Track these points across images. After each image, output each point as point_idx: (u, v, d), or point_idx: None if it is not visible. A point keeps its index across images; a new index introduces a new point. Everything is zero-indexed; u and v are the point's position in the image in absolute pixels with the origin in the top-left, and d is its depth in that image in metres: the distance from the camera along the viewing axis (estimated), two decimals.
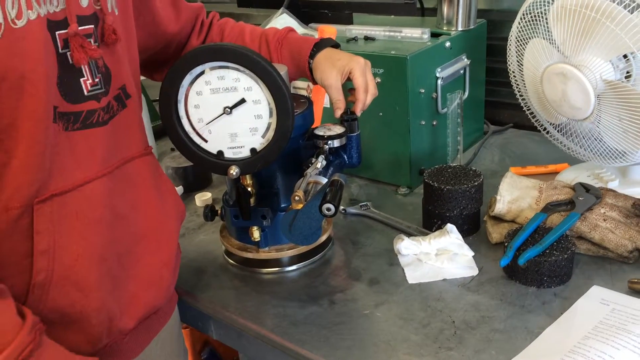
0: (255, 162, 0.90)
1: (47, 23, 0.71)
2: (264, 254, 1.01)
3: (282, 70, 0.95)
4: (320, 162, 0.92)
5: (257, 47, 1.06)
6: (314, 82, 1.03)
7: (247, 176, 0.96)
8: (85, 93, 0.76)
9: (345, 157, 1.01)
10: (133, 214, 0.84)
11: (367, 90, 0.99)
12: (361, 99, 0.99)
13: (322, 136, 0.97)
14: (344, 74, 0.99)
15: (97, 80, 0.78)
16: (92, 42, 0.77)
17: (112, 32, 0.78)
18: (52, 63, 0.72)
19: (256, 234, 0.99)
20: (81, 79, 0.76)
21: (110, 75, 0.80)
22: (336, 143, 0.97)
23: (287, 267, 1.03)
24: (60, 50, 0.73)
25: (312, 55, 1.02)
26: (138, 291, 0.85)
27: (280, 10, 1.41)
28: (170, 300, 0.95)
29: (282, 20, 1.37)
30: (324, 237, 1.04)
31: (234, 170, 0.89)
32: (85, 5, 0.76)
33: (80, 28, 0.75)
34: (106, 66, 0.79)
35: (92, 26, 0.77)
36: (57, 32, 0.72)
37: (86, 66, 0.76)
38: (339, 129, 0.99)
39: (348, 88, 1.01)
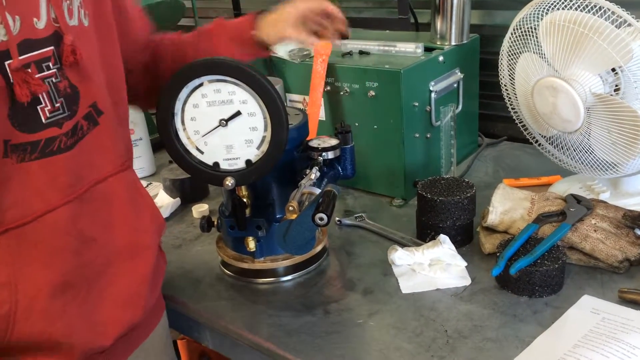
0: (250, 173, 0.92)
1: None
2: (260, 264, 1.02)
3: (277, 84, 0.97)
4: (314, 174, 0.93)
5: (194, 50, 1.02)
6: (266, 51, 1.02)
7: (243, 187, 0.98)
8: (44, 121, 0.72)
9: (340, 168, 1.02)
10: (104, 236, 0.82)
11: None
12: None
13: (317, 148, 0.99)
14: (298, 18, 0.99)
15: (57, 105, 0.73)
16: (52, 64, 0.73)
17: (70, 53, 0.73)
18: (1, 96, 0.68)
19: (252, 244, 1.00)
20: (38, 107, 0.71)
21: (79, 94, 0.76)
22: (330, 155, 0.99)
23: (282, 277, 1.04)
24: (11, 80, 0.68)
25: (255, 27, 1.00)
26: (113, 312, 0.83)
27: None
28: (152, 314, 0.94)
29: None
30: (319, 248, 1.05)
31: (229, 182, 0.91)
32: (42, 26, 0.71)
33: (34, 53, 0.70)
34: (73, 86, 0.75)
35: (52, 48, 0.72)
36: (5, 63, 0.68)
37: (44, 93, 0.72)
38: (333, 141, 1.00)
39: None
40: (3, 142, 0.69)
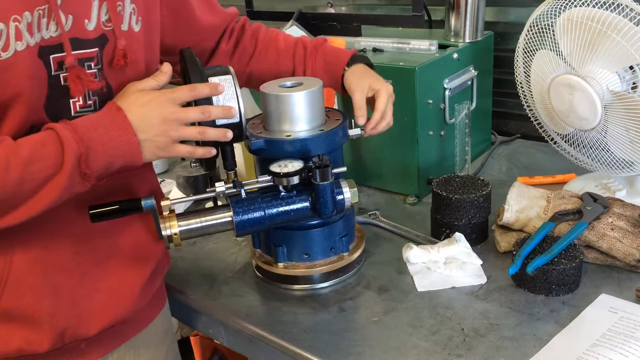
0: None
1: (40, 50, 0.72)
2: (283, 269, 1.00)
3: (318, 84, 0.95)
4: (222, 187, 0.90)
5: (292, 51, 1.06)
6: (342, 91, 1.03)
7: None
8: (72, 113, 0.77)
9: (308, 203, 0.92)
10: (113, 228, 0.84)
11: (384, 115, 0.98)
12: (375, 119, 0.98)
13: (278, 173, 0.90)
14: (371, 89, 0.99)
15: (90, 102, 0.78)
16: (94, 65, 0.77)
17: (121, 57, 0.79)
18: (42, 86, 0.73)
19: None
20: (71, 100, 0.76)
21: (112, 95, 0.80)
22: (295, 180, 0.90)
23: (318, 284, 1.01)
24: (53, 73, 0.74)
25: (348, 64, 1.03)
26: (104, 304, 0.85)
27: (290, 23, 1.43)
28: (145, 311, 0.94)
29: (292, 32, 1.39)
30: (357, 254, 1.03)
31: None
32: (92, 27, 0.76)
33: (80, 52, 0.75)
34: (109, 86, 0.80)
35: (97, 49, 0.77)
36: (51, 56, 0.73)
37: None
38: (296, 164, 0.91)
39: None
40: (30, 127, 0.74)
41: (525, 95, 1.19)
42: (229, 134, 0.82)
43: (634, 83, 1.00)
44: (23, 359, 0.82)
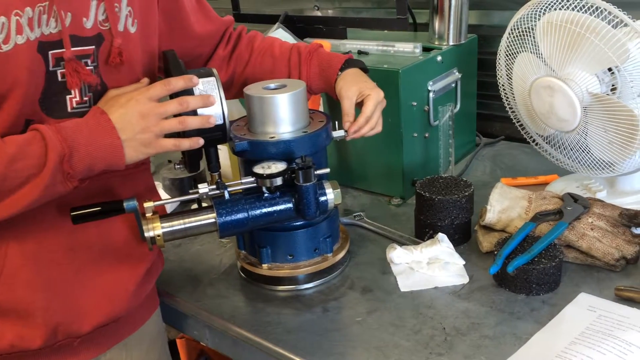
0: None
1: (39, 45, 0.74)
2: (267, 271, 1.01)
3: (301, 86, 0.96)
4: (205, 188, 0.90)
5: (287, 58, 1.07)
6: (334, 96, 1.04)
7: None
8: (69, 110, 0.79)
9: (292, 205, 0.93)
10: (107, 225, 0.85)
11: (369, 120, 0.98)
12: (359, 123, 0.98)
13: (262, 175, 0.90)
14: (360, 95, 0.99)
15: (86, 99, 0.80)
16: (90, 62, 0.79)
17: (117, 55, 0.80)
18: (39, 80, 0.75)
19: None
20: (67, 96, 0.78)
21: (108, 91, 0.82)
22: (278, 181, 0.90)
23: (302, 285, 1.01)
24: (50, 68, 0.76)
25: (342, 69, 1.03)
26: (97, 301, 0.86)
27: (276, 25, 1.43)
28: (138, 312, 0.95)
29: (278, 34, 1.40)
30: (341, 255, 1.04)
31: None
32: (90, 26, 0.78)
33: (78, 48, 0.77)
34: (104, 84, 0.81)
35: (93, 47, 0.79)
36: (50, 52, 0.75)
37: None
38: (280, 166, 0.91)
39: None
40: (25, 121, 0.75)
41: (507, 97, 1.21)
42: (212, 120, 0.83)
43: (612, 85, 1.02)
44: (15, 356, 0.83)
